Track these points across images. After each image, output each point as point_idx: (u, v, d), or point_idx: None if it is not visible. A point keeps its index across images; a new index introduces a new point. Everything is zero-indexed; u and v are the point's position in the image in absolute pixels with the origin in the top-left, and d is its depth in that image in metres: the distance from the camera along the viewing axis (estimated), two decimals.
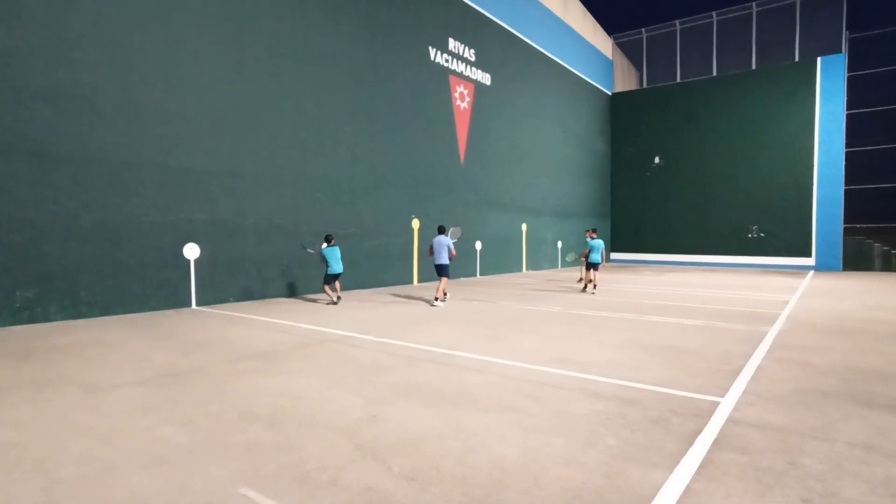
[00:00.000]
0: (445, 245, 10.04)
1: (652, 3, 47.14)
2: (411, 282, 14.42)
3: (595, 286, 12.37)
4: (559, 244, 22.14)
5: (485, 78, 17.31)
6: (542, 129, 20.74)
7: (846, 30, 21.82)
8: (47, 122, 7.80)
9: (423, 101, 14.80)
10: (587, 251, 12.31)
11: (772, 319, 8.33)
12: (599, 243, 12.49)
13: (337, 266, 9.88)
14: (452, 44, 15.91)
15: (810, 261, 22.02)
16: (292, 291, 11.29)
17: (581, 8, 24.41)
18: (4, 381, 4.67)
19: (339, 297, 10.03)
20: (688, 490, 2.64)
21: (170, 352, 5.83)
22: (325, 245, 9.98)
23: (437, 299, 10.00)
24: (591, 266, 12.32)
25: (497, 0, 17.84)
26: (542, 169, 20.71)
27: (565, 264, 22.43)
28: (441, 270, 10.11)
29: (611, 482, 2.72)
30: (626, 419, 3.67)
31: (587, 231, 13.02)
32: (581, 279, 13.53)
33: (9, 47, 7.43)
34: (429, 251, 10.36)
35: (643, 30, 27.20)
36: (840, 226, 21.51)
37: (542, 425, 3.55)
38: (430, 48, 15.03)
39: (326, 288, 9.92)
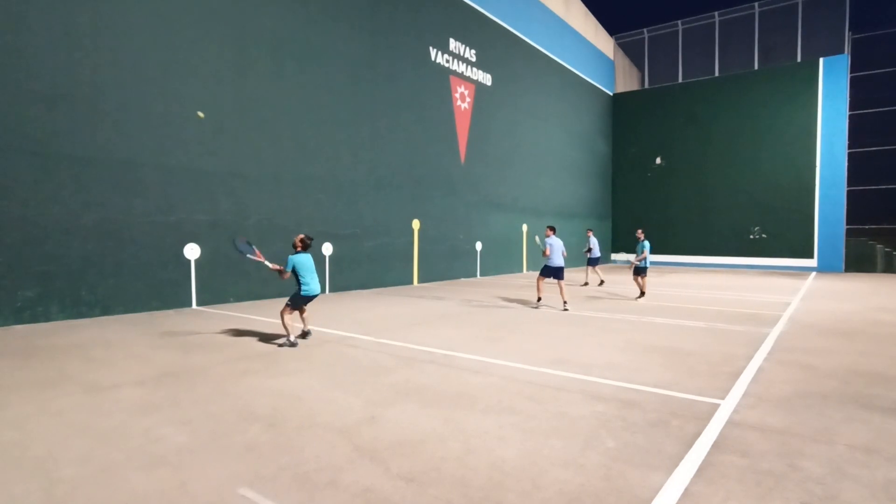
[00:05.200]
0: (561, 247, 9.85)
1: (654, 4, 47.07)
2: (411, 282, 14.42)
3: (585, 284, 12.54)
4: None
5: (486, 78, 17.31)
6: (543, 129, 20.73)
7: (849, 30, 21.78)
8: (49, 122, 7.81)
9: (424, 102, 14.80)
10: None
11: (773, 321, 8.31)
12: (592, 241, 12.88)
13: (314, 284, 6.39)
14: (453, 44, 15.91)
15: (812, 262, 21.98)
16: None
17: (583, 8, 24.40)
18: (6, 380, 4.68)
19: (307, 333, 6.66)
20: (687, 492, 2.63)
21: (170, 352, 5.84)
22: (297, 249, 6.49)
23: (565, 303, 9.48)
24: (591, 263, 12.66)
25: (498, 0, 17.84)
26: (543, 169, 20.69)
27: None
28: (557, 273, 9.72)
29: (610, 484, 2.72)
30: (625, 421, 3.66)
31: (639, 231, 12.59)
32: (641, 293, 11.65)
33: (11, 47, 7.45)
34: (547, 251, 9.82)
35: (645, 30, 27.18)
36: (842, 227, 21.46)
37: (541, 427, 3.55)
38: (430, 48, 15.03)
39: (288, 317, 6.27)
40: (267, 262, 6.61)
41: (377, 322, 7.99)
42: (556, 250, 9.79)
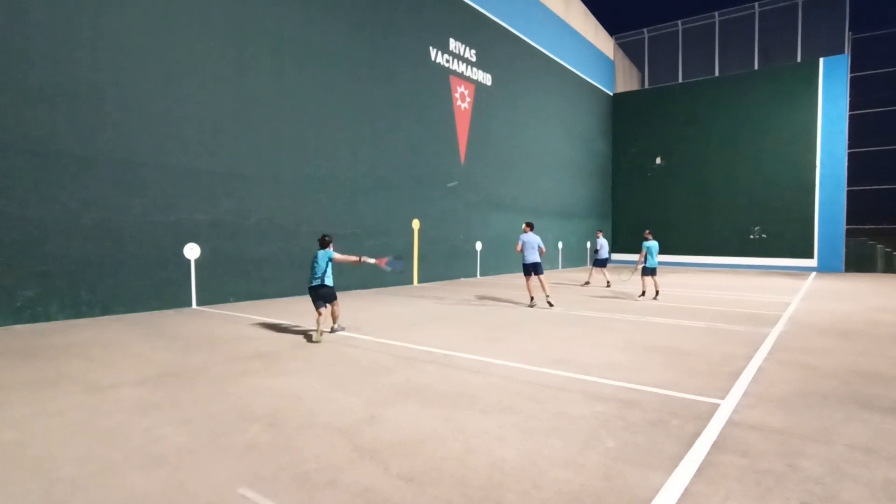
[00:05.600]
0: (536, 242, 9.86)
1: (654, 4, 47.10)
2: (411, 282, 14.42)
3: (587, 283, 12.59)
4: (560, 245, 22.12)
5: (486, 78, 17.31)
6: (543, 129, 20.73)
7: (849, 30, 21.78)
8: (49, 121, 7.81)
9: (424, 102, 14.80)
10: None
11: (773, 321, 8.31)
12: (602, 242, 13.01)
13: (312, 279, 6.71)
14: (453, 44, 15.90)
15: (812, 262, 21.98)
16: (292, 292, 11.29)
17: (583, 8, 24.40)
18: (5, 380, 4.67)
19: (331, 329, 6.97)
20: (687, 492, 2.63)
21: (170, 351, 5.83)
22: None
23: (548, 297, 9.73)
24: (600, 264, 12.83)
25: (498, 0, 17.84)
26: (542, 169, 20.69)
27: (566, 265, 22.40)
28: (536, 268, 9.75)
29: (610, 484, 2.72)
30: (625, 421, 3.66)
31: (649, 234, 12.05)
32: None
33: (11, 47, 7.45)
34: (518, 247, 10.00)
35: (645, 30, 27.18)
36: (842, 227, 21.46)
37: (541, 427, 3.55)
38: (430, 48, 15.03)
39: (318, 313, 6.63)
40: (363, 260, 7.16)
41: (377, 322, 7.98)
42: (530, 246, 9.77)
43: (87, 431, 3.44)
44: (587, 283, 14.83)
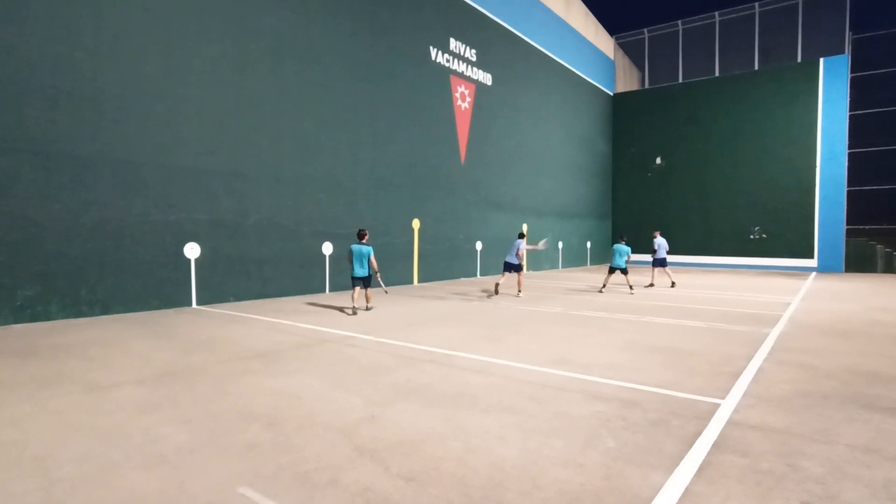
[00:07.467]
0: (517, 245, 11.48)
1: (654, 4, 47.08)
2: (411, 282, 14.42)
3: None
4: (560, 245, 22.11)
5: (486, 78, 17.30)
6: (544, 129, 20.73)
7: (849, 30, 21.77)
8: (50, 121, 7.81)
9: (425, 102, 14.80)
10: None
11: (773, 321, 8.31)
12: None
13: (356, 269, 8.77)
14: (454, 44, 15.90)
15: (812, 262, 21.97)
16: (292, 291, 11.29)
17: (583, 8, 24.40)
18: (5, 379, 4.67)
19: (367, 308, 9.03)
20: (687, 492, 2.63)
21: (170, 351, 5.83)
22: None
23: (519, 292, 11.58)
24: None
25: (499, 0, 17.84)
26: (543, 169, 20.69)
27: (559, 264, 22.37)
28: (513, 269, 11.48)
29: (610, 484, 2.71)
30: (626, 421, 3.66)
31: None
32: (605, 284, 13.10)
33: (11, 47, 7.44)
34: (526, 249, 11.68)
35: (645, 30, 27.17)
36: (842, 227, 21.45)
37: (542, 427, 3.54)
38: (431, 48, 15.03)
39: (353, 293, 8.96)
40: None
41: (377, 322, 7.98)
42: (509, 249, 11.62)
43: (87, 431, 3.43)
44: (651, 284, 14.76)
